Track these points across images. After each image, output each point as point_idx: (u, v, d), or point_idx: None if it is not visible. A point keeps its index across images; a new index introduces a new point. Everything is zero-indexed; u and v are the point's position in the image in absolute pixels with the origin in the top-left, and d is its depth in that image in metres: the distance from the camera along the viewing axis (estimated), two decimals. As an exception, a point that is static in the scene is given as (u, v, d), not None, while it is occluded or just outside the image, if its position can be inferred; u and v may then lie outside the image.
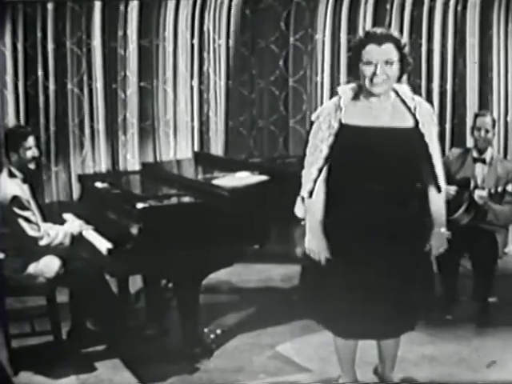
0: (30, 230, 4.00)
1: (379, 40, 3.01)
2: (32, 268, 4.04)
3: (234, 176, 4.34)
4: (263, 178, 4.30)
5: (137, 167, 5.94)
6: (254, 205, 4.01)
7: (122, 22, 6.01)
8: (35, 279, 4.04)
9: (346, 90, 3.18)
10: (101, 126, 6.10)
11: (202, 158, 5.45)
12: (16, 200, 3.98)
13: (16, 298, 4.32)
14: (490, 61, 6.18)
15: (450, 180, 4.56)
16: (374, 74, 3.00)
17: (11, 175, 4.08)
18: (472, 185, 4.52)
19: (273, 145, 6.32)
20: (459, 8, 6.12)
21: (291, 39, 6.19)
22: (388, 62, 3.00)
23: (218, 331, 4.34)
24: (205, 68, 6.18)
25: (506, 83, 6.23)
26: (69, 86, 6.01)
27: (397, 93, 3.15)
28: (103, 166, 6.13)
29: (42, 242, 4.04)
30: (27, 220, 4.00)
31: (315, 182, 3.15)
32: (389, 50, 3.01)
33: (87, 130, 6.10)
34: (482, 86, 6.24)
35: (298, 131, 6.23)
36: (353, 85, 3.18)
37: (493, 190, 4.47)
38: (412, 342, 3.73)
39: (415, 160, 3.13)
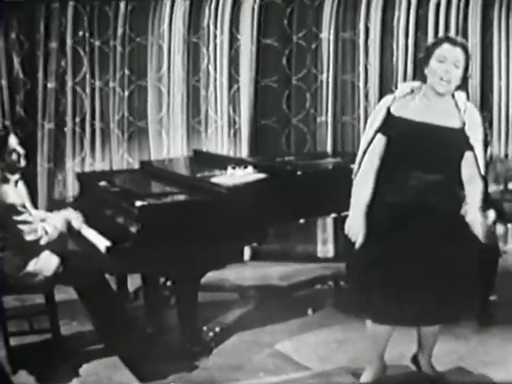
0: (28, 236, 3.97)
1: (454, 42, 3.34)
2: (31, 266, 4.02)
3: (233, 174, 4.34)
4: (261, 175, 4.30)
5: (136, 166, 5.91)
6: (252, 203, 4.00)
7: (122, 21, 6.00)
8: (34, 277, 4.03)
9: (404, 87, 3.49)
10: (98, 125, 6.08)
11: (201, 156, 5.45)
12: (12, 208, 3.93)
13: (15, 296, 4.31)
14: (491, 59, 6.18)
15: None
16: (446, 71, 3.27)
17: (4, 180, 3.99)
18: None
19: (275, 143, 6.29)
20: (461, 6, 6.12)
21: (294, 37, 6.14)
22: (456, 65, 3.29)
23: (217, 329, 4.35)
24: (204, 65, 6.15)
25: (508, 81, 6.22)
26: (69, 84, 6.01)
27: (453, 96, 3.38)
28: (102, 164, 6.12)
29: (42, 242, 4.03)
30: (25, 223, 3.97)
31: (360, 164, 3.39)
32: (459, 53, 3.31)
33: (88, 129, 6.09)
34: (483, 85, 6.23)
35: (301, 129, 6.22)
36: (415, 84, 3.46)
37: (490, 189, 4.48)
38: (410, 340, 3.72)
39: (457, 158, 3.32)
